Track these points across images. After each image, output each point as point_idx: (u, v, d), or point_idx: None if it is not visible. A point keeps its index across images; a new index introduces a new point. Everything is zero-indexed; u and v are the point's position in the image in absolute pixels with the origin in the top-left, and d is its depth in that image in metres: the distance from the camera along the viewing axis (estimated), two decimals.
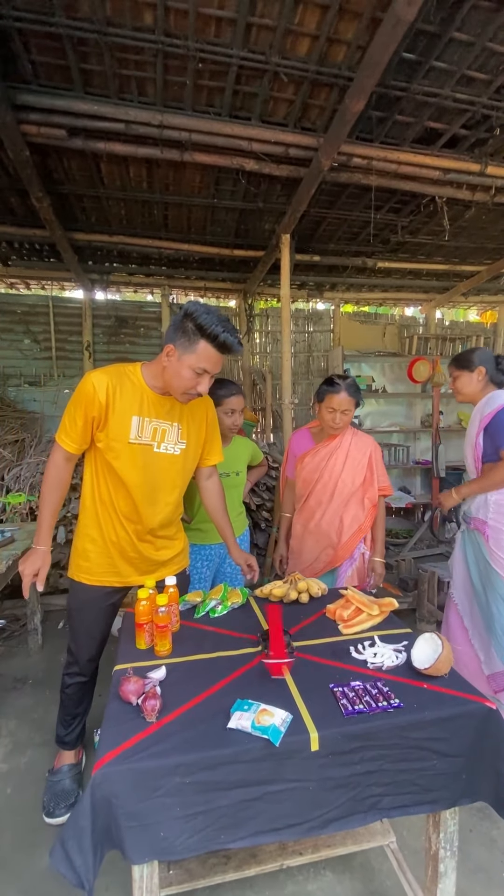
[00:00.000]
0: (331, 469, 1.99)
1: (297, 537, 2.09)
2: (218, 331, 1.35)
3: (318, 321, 5.03)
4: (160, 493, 1.55)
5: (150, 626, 1.32)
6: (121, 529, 1.54)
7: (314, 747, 0.96)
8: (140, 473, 1.50)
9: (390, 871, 1.40)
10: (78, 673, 1.67)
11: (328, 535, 1.99)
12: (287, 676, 1.16)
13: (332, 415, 1.92)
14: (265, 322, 4.94)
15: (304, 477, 2.05)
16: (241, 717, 0.99)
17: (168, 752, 0.93)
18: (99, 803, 0.89)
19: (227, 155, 2.51)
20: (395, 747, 1.01)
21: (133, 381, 1.49)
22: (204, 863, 1.30)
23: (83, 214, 3.33)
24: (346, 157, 2.49)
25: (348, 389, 1.89)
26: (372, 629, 1.40)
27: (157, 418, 1.51)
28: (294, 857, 1.30)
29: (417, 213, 3.31)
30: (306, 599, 1.58)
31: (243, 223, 3.47)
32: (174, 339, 1.39)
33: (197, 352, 1.38)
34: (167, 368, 1.43)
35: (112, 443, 1.46)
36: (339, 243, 3.88)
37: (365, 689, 1.09)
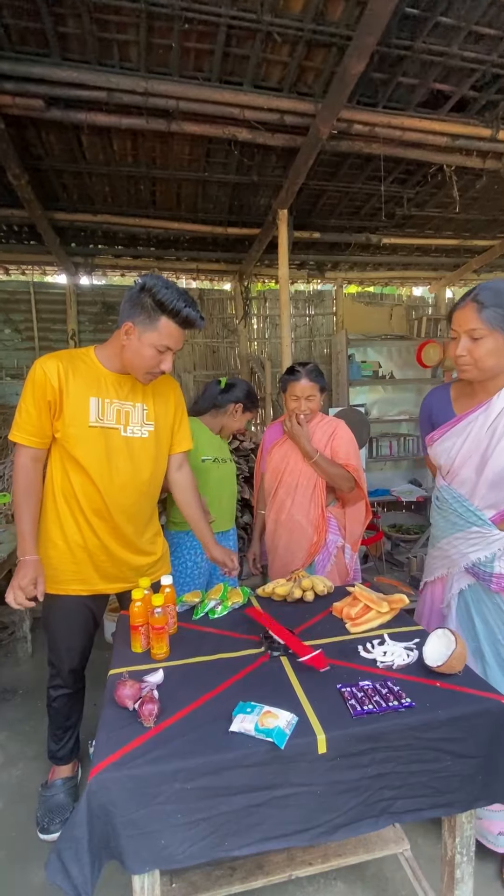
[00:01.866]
0: (297, 456, 2.04)
1: (271, 534, 2.13)
2: (180, 306, 1.36)
3: (320, 303, 5.02)
4: (131, 484, 1.54)
5: (146, 629, 1.33)
6: (87, 529, 1.52)
7: (321, 750, 0.98)
8: (104, 461, 1.48)
9: (404, 879, 1.43)
10: (62, 685, 1.68)
11: (301, 527, 2.03)
12: (292, 678, 1.18)
13: (296, 403, 2.00)
14: (263, 305, 4.93)
15: (273, 468, 2.11)
16: (243, 720, 1.00)
17: (167, 757, 0.94)
18: (96, 812, 0.91)
19: (218, 124, 2.50)
20: (407, 748, 1.02)
21: (86, 363, 1.49)
22: (209, 875, 1.32)
23: (64, 192, 3.32)
24: (346, 124, 2.48)
25: (309, 375, 1.97)
26: (381, 627, 1.41)
27: (119, 399, 1.50)
28: (303, 868, 1.32)
29: (424, 183, 3.30)
30: (311, 598, 1.60)
31: (237, 199, 3.46)
32: (132, 315, 1.39)
33: (158, 329, 1.39)
34: (126, 348, 1.43)
35: (69, 429, 1.45)
36: (340, 218, 3.86)
37: (374, 689, 1.11)
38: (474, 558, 1.44)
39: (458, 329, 1.38)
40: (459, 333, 1.37)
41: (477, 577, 1.45)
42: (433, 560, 1.60)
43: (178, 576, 2.04)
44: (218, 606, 1.55)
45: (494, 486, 1.38)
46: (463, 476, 1.44)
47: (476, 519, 1.43)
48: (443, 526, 1.53)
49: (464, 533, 1.46)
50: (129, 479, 1.53)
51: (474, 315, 1.32)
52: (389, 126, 2.53)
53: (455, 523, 1.48)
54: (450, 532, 1.50)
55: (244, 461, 3.62)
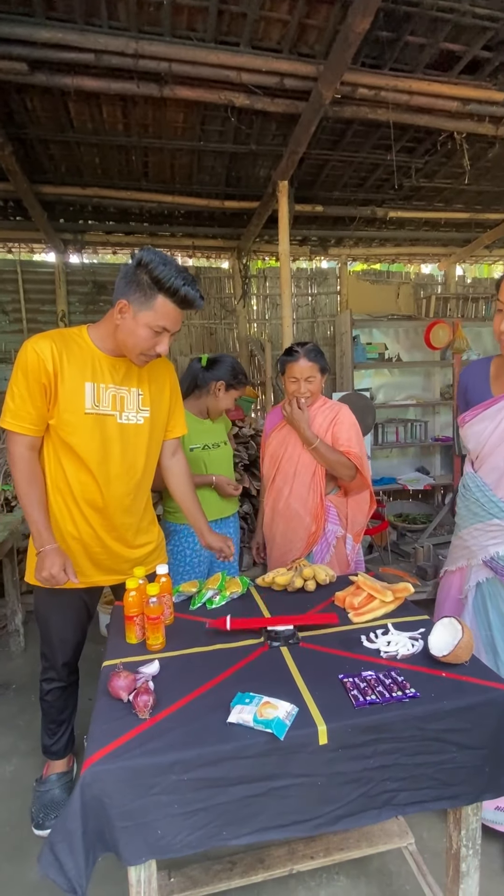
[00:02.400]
0: (295, 441, 2.03)
1: (269, 522, 2.13)
2: (177, 284, 1.33)
3: (323, 282, 4.98)
4: (127, 474, 1.54)
5: (141, 619, 1.34)
6: (82, 521, 1.52)
7: (322, 741, 0.99)
8: (101, 449, 1.48)
9: (409, 874, 1.46)
10: (55, 678, 1.70)
11: (298, 516, 2.03)
12: (292, 668, 1.19)
13: (295, 385, 1.98)
14: (263, 284, 4.89)
15: (271, 454, 2.10)
16: (242, 711, 1.01)
17: (164, 748, 0.95)
18: (89, 804, 0.92)
19: (214, 88, 2.45)
20: (412, 739, 1.04)
21: (80, 345, 1.47)
22: (208, 870, 1.35)
23: (51, 164, 3.28)
24: (350, 88, 2.44)
25: (308, 355, 1.96)
26: (385, 617, 1.42)
27: (115, 384, 1.49)
28: (304, 862, 1.35)
29: (433, 152, 3.25)
30: (313, 587, 1.60)
31: (234, 169, 3.41)
32: (127, 293, 1.37)
33: (155, 308, 1.36)
34: (120, 327, 1.41)
35: (65, 415, 1.43)
36: (344, 191, 3.81)
37: (378, 679, 1.12)
38: (493, 552, 1.43)
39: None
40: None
41: (495, 572, 1.44)
42: (455, 550, 1.60)
43: (178, 567, 2.05)
44: (216, 596, 1.55)
45: None
46: (492, 463, 1.40)
47: (498, 511, 1.41)
48: (465, 515, 1.51)
49: (484, 524, 1.44)
50: (124, 469, 1.53)
51: None
52: (396, 90, 2.48)
53: (476, 513, 1.46)
54: (471, 522, 1.48)
55: (243, 448, 3.61)
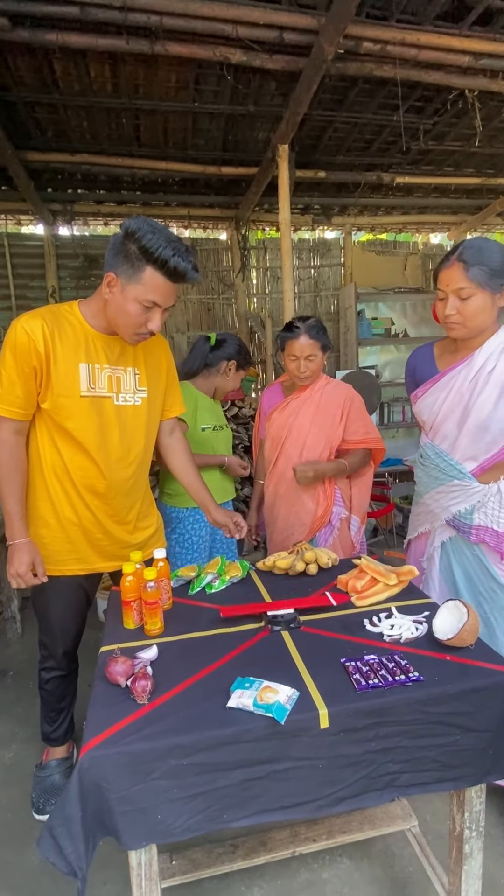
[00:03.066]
0: (299, 424, 2.03)
1: (270, 506, 2.14)
2: (167, 254, 1.29)
3: (326, 253, 4.92)
4: (126, 457, 1.54)
5: (139, 604, 1.36)
6: (81, 506, 1.53)
7: (323, 724, 1.01)
8: (99, 433, 1.47)
9: (412, 856, 1.51)
10: (55, 667, 1.73)
11: (302, 501, 2.03)
12: (293, 652, 1.21)
13: (295, 363, 1.97)
14: (263, 256, 4.83)
15: (273, 435, 2.09)
16: (241, 696, 1.03)
17: (162, 733, 0.98)
18: (88, 789, 0.95)
19: (208, 44, 2.39)
20: (415, 723, 1.06)
21: (72, 323, 1.45)
22: (210, 852, 1.40)
23: (37, 129, 3.21)
24: (353, 42, 2.37)
25: (309, 332, 1.94)
26: (389, 600, 1.44)
27: (110, 364, 1.48)
28: (307, 844, 1.39)
29: (443, 112, 3.17)
30: (315, 571, 1.62)
31: (231, 133, 3.34)
32: (115, 265, 1.34)
33: (143, 281, 1.33)
34: (109, 303, 1.39)
35: (60, 399, 1.42)
36: (348, 155, 3.74)
37: (380, 663, 1.14)
38: (454, 511, 1.60)
39: (445, 289, 1.48)
40: (447, 293, 1.48)
41: (457, 530, 1.61)
42: (416, 517, 1.77)
43: (180, 552, 2.07)
44: (215, 581, 1.57)
45: (474, 438, 1.53)
46: (445, 430, 1.59)
47: (457, 472, 1.58)
48: (425, 481, 1.68)
49: (445, 486, 1.61)
50: (124, 452, 1.53)
51: (461, 274, 1.43)
52: (403, 44, 2.40)
53: (437, 478, 1.63)
54: (432, 487, 1.65)
55: (244, 430, 3.62)
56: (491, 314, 1.48)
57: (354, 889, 1.45)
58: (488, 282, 1.43)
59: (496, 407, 1.48)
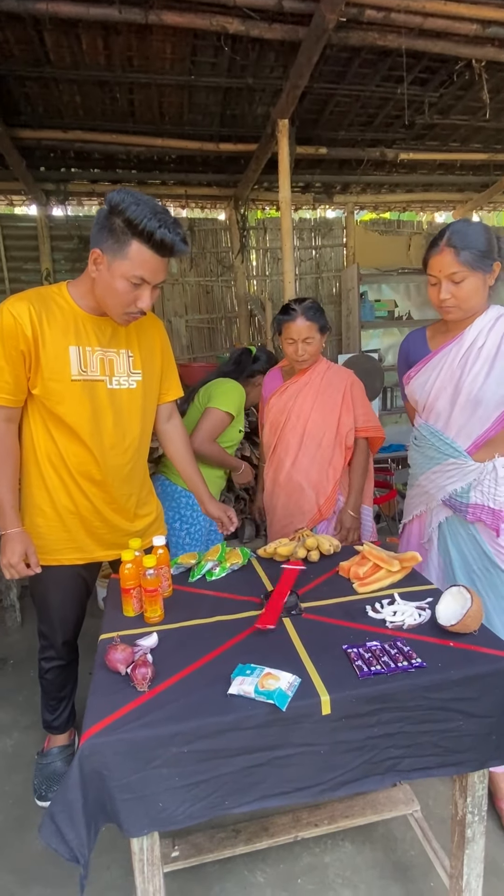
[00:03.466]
0: (298, 409, 2.02)
1: (269, 494, 2.14)
2: (152, 226, 1.27)
3: (328, 233, 4.87)
4: (122, 442, 1.54)
5: (138, 592, 1.37)
6: (78, 494, 1.53)
7: (325, 711, 1.02)
8: (92, 418, 1.47)
9: (414, 840, 1.54)
10: (55, 657, 1.74)
11: (301, 489, 2.03)
12: (295, 639, 1.22)
13: (292, 346, 1.96)
14: (262, 237, 4.78)
15: (271, 421, 2.09)
16: (242, 683, 1.04)
17: (163, 721, 0.99)
18: (89, 776, 0.96)
19: (205, 13, 2.34)
20: (417, 709, 1.07)
21: (60, 304, 1.43)
22: (212, 837, 1.43)
23: (27, 104, 3.16)
24: (356, 10, 2.32)
25: (306, 313, 1.93)
26: (391, 587, 1.45)
27: (101, 346, 1.46)
28: (309, 829, 1.42)
29: (449, 84, 3.12)
30: (316, 557, 1.63)
31: (229, 107, 3.29)
32: (101, 241, 1.32)
33: (130, 256, 1.30)
34: (97, 281, 1.37)
35: (50, 384, 1.41)
36: (350, 130, 3.68)
37: (383, 650, 1.15)
38: (451, 490, 1.62)
39: (437, 275, 1.53)
40: (439, 279, 1.53)
41: (454, 509, 1.64)
42: (412, 500, 1.80)
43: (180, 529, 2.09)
44: (216, 568, 1.58)
45: (467, 413, 1.58)
46: (438, 409, 1.64)
47: (452, 451, 1.62)
48: (420, 462, 1.72)
49: (441, 466, 1.64)
50: (119, 438, 1.53)
51: (453, 259, 1.48)
52: (408, 11, 2.35)
53: (432, 458, 1.67)
54: (427, 467, 1.69)
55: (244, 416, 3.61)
56: (483, 294, 1.54)
57: (356, 873, 1.48)
58: (479, 263, 1.48)
59: (486, 381, 1.53)
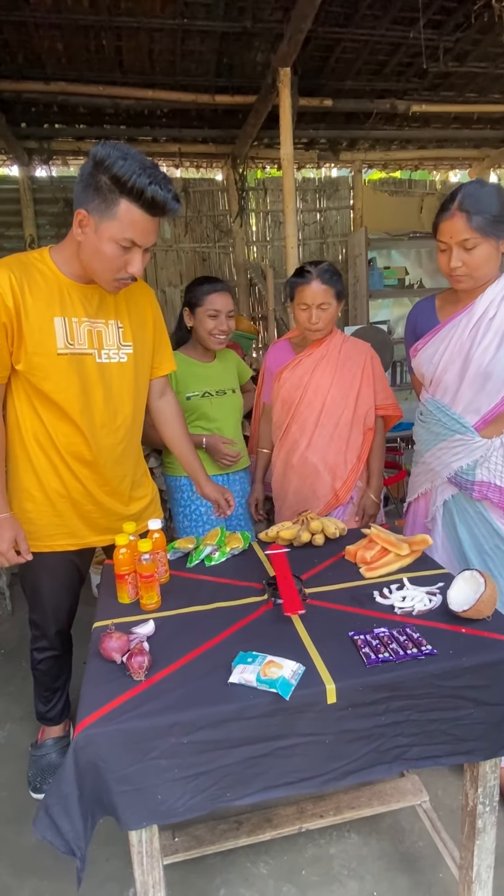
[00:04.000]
0: (316, 385, 1.97)
1: (279, 477, 2.09)
2: (142, 182, 1.23)
3: (334, 194, 4.80)
4: (114, 420, 1.53)
5: (133, 578, 1.37)
6: (69, 476, 1.52)
7: (331, 700, 1.03)
8: (81, 395, 1.45)
9: (422, 830, 1.57)
10: (47, 647, 1.76)
11: (317, 473, 2.00)
12: (298, 626, 1.23)
13: (305, 313, 1.90)
14: (263, 199, 4.71)
15: (284, 397, 2.03)
16: (244, 671, 1.05)
17: (161, 711, 1.00)
18: (84, 768, 0.98)
19: None
20: (426, 697, 1.08)
21: (43, 272, 1.40)
22: (213, 829, 1.46)
23: (5, 53, 3.07)
24: None
25: (322, 277, 1.87)
26: (400, 571, 1.45)
27: (89, 317, 1.44)
28: (314, 820, 1.45)
29: (466, 27, 3.03)
30: (321, 541, 1.63)
31: (226, 55, 3.20)
32: (85, 201, 1.28)
33: (118, 217, 1.27)
34: (83, 245, 1.34)
35: (35, 358, 1.39)
36: (358, 79, 3.59)
37: (391, 637, 1.16)
38: (456, 467, 1.64)
39: (448, 241, 1.51)
40: (450, 245, 1.51)
41: (459, 487, 1.66)
42: (416, 477, 1.83)
43: (189, 526, 2.09)
44: (215, 553, 1.58)
45: (476, 387, 1.58)
46: (446, 382, 1.64)
47: (459, 426, 1.63)
48: (426, 439, 1.74)
49: (447, 442, 1.66)
50: (110, 415, 1.52)
51: (464, 225, 1.46)
52: None
53: (438, 434, 1.68)
54: (433, 444, 1.70)
55: None
56: (496, 261, 1.52)
57: (362, 864, 1.52)
58: (492, 229, 1.46)
59: (497, 354, 1.53)
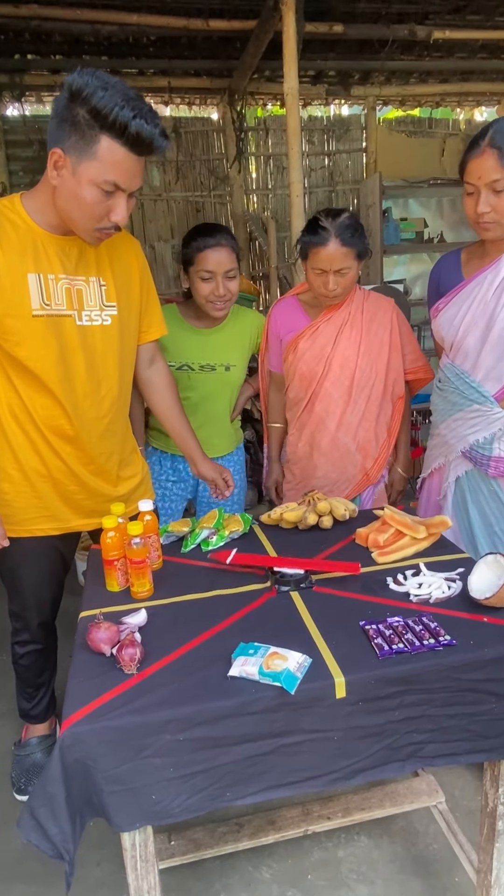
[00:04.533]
0: (342, 357, 1.92)
1: (302, 460, 2.06)
2: (126, 116, 1.19)
3: (344, 135, 4.75)
4: (97, 390, 1.52)
5: (123, 564, 1.38)
6: (49, 454, 1.52)
7: (340, 694, 1.05)
8: (60, 362, 1.44)
9: (437, 833, 1.61)
10: (30, 641, 1.78)
11: (349, 454, 1.99)
12: (304, 615, 1.24)
13: (321, 278, 1.79)
14: (264, 140, 4.67)
15: (303, 372, 1.96)
16: (245, 663, 1.07)
17: (155, 706, 1.02)
18: (72, 768, 1.00)
19: None
20: (444, 690, 1.10)
21: (14, 222, 1.37)
22: (213, 832, 1.50)
23: None
24: None
25: (342, 235, 1.73)
26: (416, 556, 1.46)
27: (67, 274, 1.42)
28: (320, 822, 1.49)
29: None
30: (329, 524, 1.64)
31: None
32: (61, 138, 1.24)
33: (99, 156, 1.23)
34: (59, 190, 1.30)
35: (7, 320, 1.38)
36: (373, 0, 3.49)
37: (406, 626, 1.17)
38: (472, 440, 1.68)
39: (476, 182, 1.49)
40: (478, 187, 1.50)
41: (474, 462, 1.69)
42: (432, 450, 1.86)
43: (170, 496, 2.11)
44: (213, 536, 1.60)
45: (498, 353, 1.59)
46: (467, 347, 1.66)
47: (477, 396, 1.66)
48: (442, 409, 1.77)
49: (463, 412, 1.69)
50: (93, 385, 1.51)
51: (496, 163, 1.43)
52: None
53: (455, 403, 1.71)
54: (449, 414, 1.74)
55: None
56: None
57: (372, 868, 1.56)
58: None
59: None
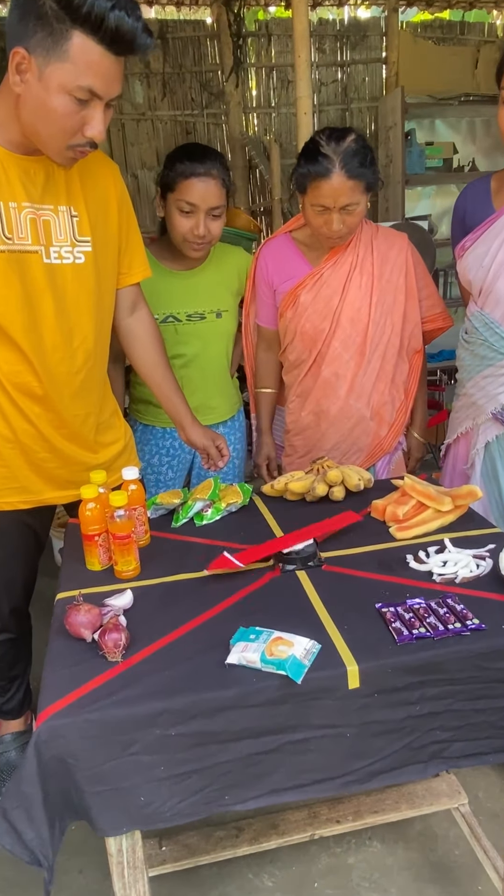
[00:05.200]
0: (353, 311, 1.88)
1: (306, 430, 2.05)
2: (102, 6, 1.12)
3: (361, 43, 4.66)
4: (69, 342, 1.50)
5: (105, 539, 1.39)
6: (15, 416, 1.50)
7: (353, 684, 1.05)
8: (24, 307, 1.41)
9: (459, 837, 1.66)
10: (0, 629, 1.80)
11: (363, 422, 1.98)
12: (312, 596, 1.25)
13: (323, 216, 1.73)
14: (266, 48, 4.57)
15: (305, 330, 1.92)
16: (245, 650, 1.07)
17: (143, 697, 1.03)
18: (49, 765, 1.01)
19: None
20: (471, 681, 1.11)
21: None
22: (209, 836, 1.53)
23: None
24: None
25: (347, 165, 1.64)
26: (441, 531, 1.47)
27: (32, 202, 1.38)
28: (328, 826, 1.52)
29: None
30: (341, 495, 1.65)
31: None
32: (24, 36, 1.17)
33: (71, 56, 1.17)
34: (23, 98, 1.24)
35: None
36: None
37: (429, 609, 1.18)
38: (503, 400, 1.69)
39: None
40: None
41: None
42: (458, 413, 1.89)
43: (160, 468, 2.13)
44: (208, 509, 1.60)
45: None
46: (498, 292, 1.65)
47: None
48: (470, 364, 1.78)
49: (493, 368, 1.70)
50: (64, 335, 1.49)
51: None
52: None
53: (484, 357, 1.72)
54: (477, 370, 1.75)
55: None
56: None
57: (386, 875, 1.61)
58: None
59: None
